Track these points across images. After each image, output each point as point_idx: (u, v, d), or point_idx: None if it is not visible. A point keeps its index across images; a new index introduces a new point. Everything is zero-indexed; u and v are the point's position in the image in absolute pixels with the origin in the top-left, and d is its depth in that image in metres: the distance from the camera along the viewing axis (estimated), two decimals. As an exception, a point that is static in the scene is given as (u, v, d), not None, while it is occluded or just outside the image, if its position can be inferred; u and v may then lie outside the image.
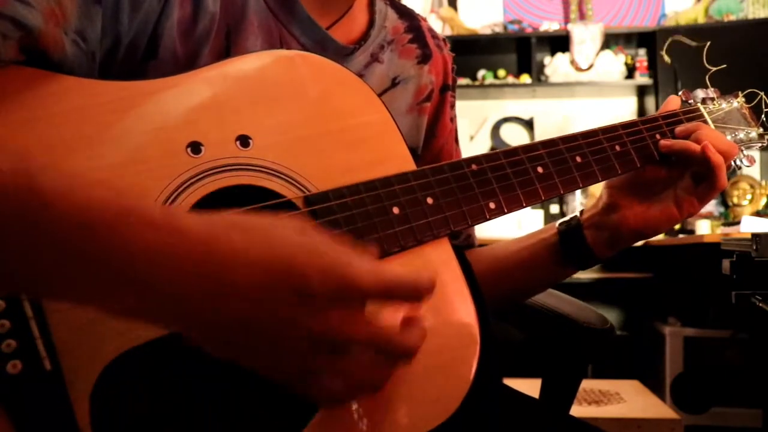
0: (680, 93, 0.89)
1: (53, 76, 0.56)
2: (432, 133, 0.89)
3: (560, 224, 0.85)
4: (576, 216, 0.85)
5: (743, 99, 0.91)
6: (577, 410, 1.80)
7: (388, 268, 0.47)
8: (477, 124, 3.77)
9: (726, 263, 1.33)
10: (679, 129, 0.82)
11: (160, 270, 0.42)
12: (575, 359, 0.97)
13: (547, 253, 0.84)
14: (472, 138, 3.76)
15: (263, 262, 0.43)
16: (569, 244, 0.83)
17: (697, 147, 0.77)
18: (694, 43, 0.93)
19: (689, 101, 0.89)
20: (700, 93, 0.89)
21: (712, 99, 0.89)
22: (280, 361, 0.46)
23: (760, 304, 1.26)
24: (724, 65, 0.89)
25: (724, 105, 0.89)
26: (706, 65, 0.90)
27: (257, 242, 0.44)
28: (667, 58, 0.90)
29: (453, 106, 0.92)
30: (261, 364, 0.47)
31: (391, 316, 0.50)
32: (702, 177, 0.78)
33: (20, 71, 0.54)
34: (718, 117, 0.87)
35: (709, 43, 0.91)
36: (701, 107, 0.87)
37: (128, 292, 0.43)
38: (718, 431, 2.70)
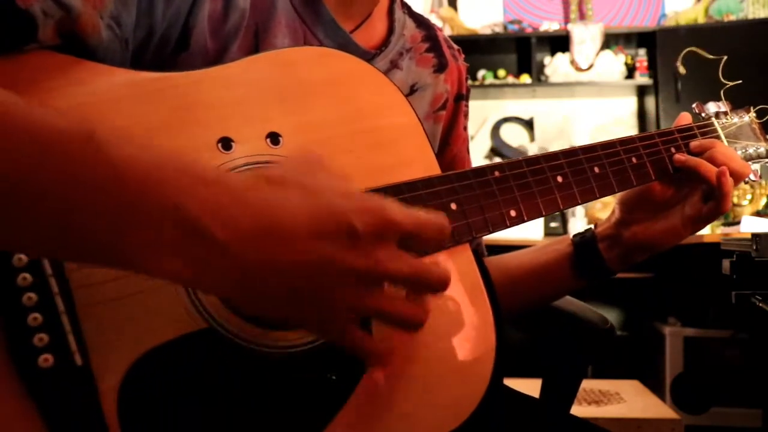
0: (694, 105, 0.91)
1: (87, 64, 0.56)
2: (446, 142, 0.90)
3: (575, 236, 0.87)
4: (590, 229, 0.87)
5: (754, 114, 0.92)
6: (577, 410, 1.80)
7: (413, 208, 0.49)
8: (477, 124, 3.77)
9: (726, 263, 1.33)
10: (693, 144, 0.83)
11: (215, 225, 0.43)
12: (575, 359, 0.97)
13: (562, 265, 0.86)
14: (472, 138, 3.76)
15: (308, 211, 0.45)
16: (584, 256, 0.85)
17: (712, 169, 0.78)
18: (711, 57, 0.94)
19: (702, 114, 0.90)
20: (712, 106, 0.90)
21: (725, 113, 0.90)
22: (329, 308, 0.47)
23: (760, 304, 1.26)
24: (739, 81, 0.90)
25: (735, 119, 0.90)
26: (722, 80, 0.91)
27: (297, 193, 0.45)
28: (682, 69, 0.91)
29: (466, 115, 0.93)
30: (309, 316, 0.48)
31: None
32: (710, 197, 0.79)
33: (55, 57, 0.54)
34: (730, 132, 0.88)
35: (725, 58, 0.91)
36: (715, 122, 0.88)
37: (182, 250, 0.43)
38: (718, 431, 2.70)
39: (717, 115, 0.89)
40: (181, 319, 0.54)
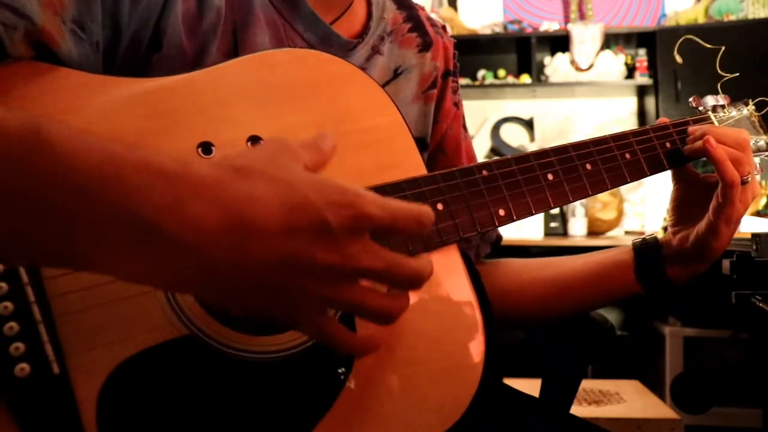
0: (691, 99, 0.90)
1: (63, 71, 0.55)
2: (435, 119, 0.89)
3: (635, 241, 0.86)
4: (654, 236, 0.86)
5: (753, 107, 0.91)
6: (577, 410, 1.80)
7: (390, 199, 0.47)
8: (477, 124, 3.77)
9: (726, 263, 1.33)
10: (690, 130, 0.82)
11: (174, 224, 0.41)
12: (576, 359, 0.97)
13: (619, 271, 0.85)
14: (472, 138, 3.75)
15: (279, 205, 0.43)
16: (644, 261, 0.84)
17: (700, 144, 0.78)
18: (708, 46, 0.93)
19: (699, 108, 0.89)
20: (710, 100, 0.89)
21: (723, 106, 0.89)
22: (300, 302, 0.45)
23: (760, 304, 1.25)
24: (737, 73, 0.89)
25: (734, 113, 0.89)
26: (719, 71, 0.91)
27: (266, 186, 0.43)
28: (679, 59, 0.90)
29: (455, 91, 0.92)
30: (280, 309, 0.46)
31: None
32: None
33: (31, 66, 0.54)
34: (728, 125, 0.87)
35: (723, 48, 0.91)
36: (711, 115, 0.88)
37: (142, 249, 0.41)
38: (718, 431, 2.70)
39: (714, 108, 0.89)
40: (161, 327, 0.53)
